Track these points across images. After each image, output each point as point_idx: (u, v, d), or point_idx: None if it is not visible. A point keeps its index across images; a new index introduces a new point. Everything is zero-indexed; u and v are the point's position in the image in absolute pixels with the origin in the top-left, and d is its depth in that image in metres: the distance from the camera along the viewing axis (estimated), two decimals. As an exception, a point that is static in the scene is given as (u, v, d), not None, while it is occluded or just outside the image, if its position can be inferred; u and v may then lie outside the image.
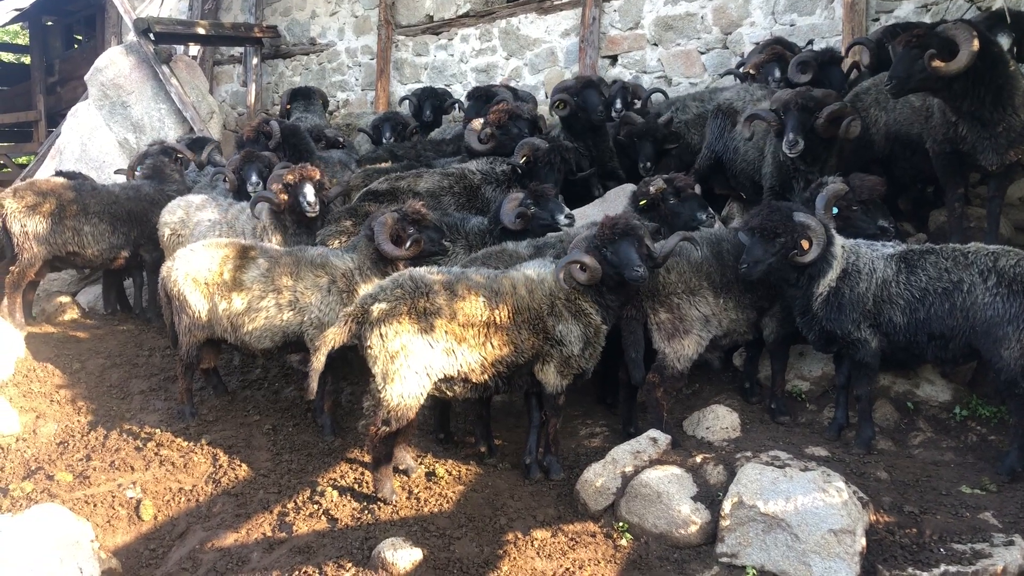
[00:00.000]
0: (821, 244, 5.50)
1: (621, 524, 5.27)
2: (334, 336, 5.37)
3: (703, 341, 6.06)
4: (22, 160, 20.68)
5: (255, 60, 15.17)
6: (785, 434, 6.03)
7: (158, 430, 6.69)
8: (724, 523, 4.95)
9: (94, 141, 13.04)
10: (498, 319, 5.42)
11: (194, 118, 13.27)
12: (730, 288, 6.02)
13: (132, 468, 6.21)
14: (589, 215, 7.73)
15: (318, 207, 7.36)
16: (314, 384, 5.43)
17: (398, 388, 5.31)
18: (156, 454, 6.36)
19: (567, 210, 7.04)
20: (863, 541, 4.68)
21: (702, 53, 10.71)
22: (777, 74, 8.61)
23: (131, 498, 5.89)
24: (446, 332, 5.33)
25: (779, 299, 6.04)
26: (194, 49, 15.83)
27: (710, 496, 5.20)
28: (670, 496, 5.18)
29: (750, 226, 5.70)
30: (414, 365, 5.30)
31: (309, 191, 7.30)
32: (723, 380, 6.95)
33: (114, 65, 13.30)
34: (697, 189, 6.97)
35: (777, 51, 8.87)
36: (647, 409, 6.14)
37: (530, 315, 5.49)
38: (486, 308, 5.41)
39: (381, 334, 5.28)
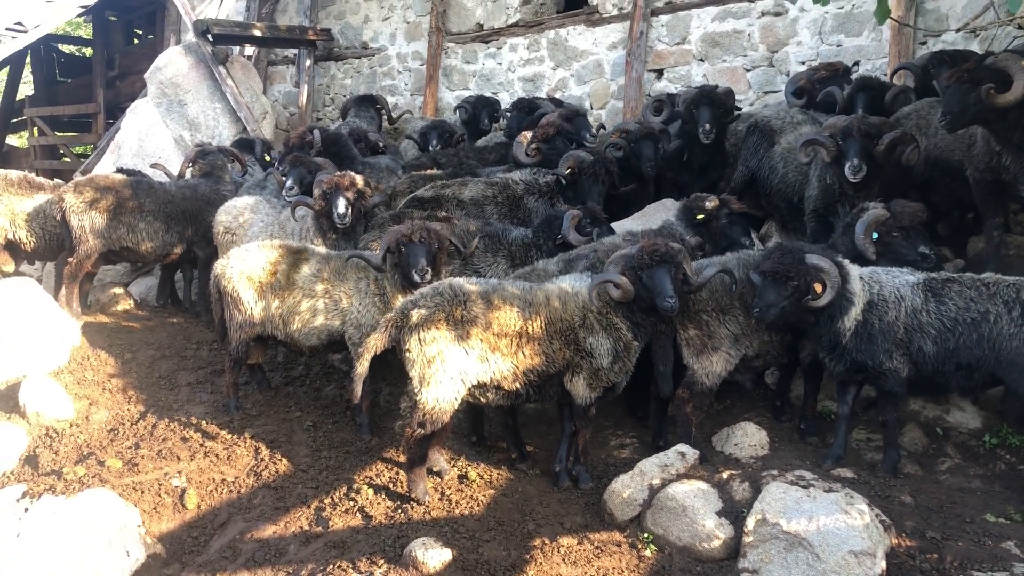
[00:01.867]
0: (835, 286, 5.49)
1: (646, 535, 5.40)
2: (376, 342, 5.57)
3: (732, 359, 6.14)
4: (80, 150, 21.30)
5: (308, 62, 15.48)
6: (812, 454, 6.11)
7: (204, 422, 6.98)
8: (747, 539, 5.04)
9: (151, 137, 13.48)
10: (531, 329, 5.58)
11: (247, 118, 13.64)
12: (764, 309, 6.09)
13: (178, 458, 6.48)
14: (628, 228, 7.84)
15: (348, 219, 7.54)
16: (359, 389, 5.65)
17: (434, 392, 5.49)
18: (201, 445, 6.63)
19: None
20: (883, 564, 4.75)
21: (748, 71, 10.77)
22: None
23: (176, 487, 6.16)
24: (481, 340, 5.50)
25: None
26: (249, 49, 16.21)
27: (734, 512, 5.30)
28: (695, 510, 5.29)
29: (761, 269, 5.71)
30: (450, 370, 5.48)
31: (340, 203, 7.49)
32: (754, 397, 7.04)
33: (173, 64, 13.73)
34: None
35: (836, 67, 8.87)
36: (676, 423, 6.26)
37: (562, 326, 5.63)
38: (520, 318, 5.57)
39: (420, 339, 5.46)
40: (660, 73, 11.60)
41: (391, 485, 6.02)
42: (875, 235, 6.08)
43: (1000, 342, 5.38)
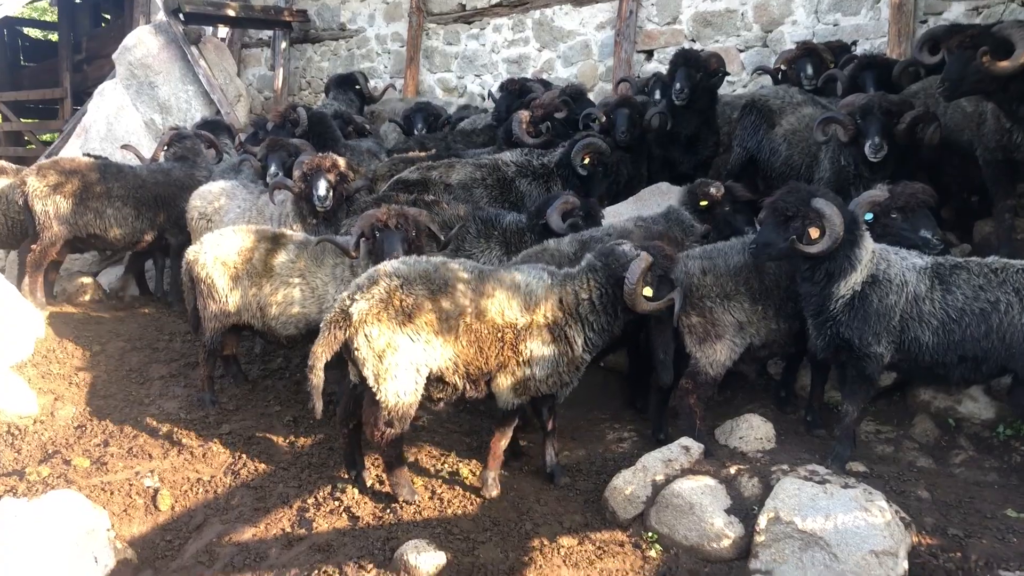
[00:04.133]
0: (834, 238, 5.08)
1: (650, 534, 5.11)
2: (323, 350, 5.17)
3: (736, 348, 5.86)
4: (46, 137, 20.69)
5: (283, 44, 15.07)
6: (820, 447, 5.85)
7: (177, 417, 6.60)
8: (759, 538, 4.76)
9: (120, 121, 13.01)
10: (469, 318, 5.20)
11: (221, 101, 13.22)
12: (770, 295, 5.80)
13: (150, 456, 6.10)
14: (622, 212, 7.56)
15: (329, 202, 7.19)
16: (319, 402, 5.25)
17: (392, 386, 5.13)
18: (175, 442, 6.26)
19: None
20: (905, 564, 4.49)
21: (741, 51, 10.51)
22: (809, 71, 8.45)
23: (148, 487, 5.78)
24: (426, 324, 5.13)
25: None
26: (223, 31, 15.77)
27: (744, 509, 5.02)
28: (703, 508, 5.00)
29: (765, 204, 5.43)
30: (402, 361, 5.12)
31: (321, 185, 7.13)
32: (756, 388, 6.79)
33: (142, 44, 13.24)
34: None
35: (809, 47, 8.72)
36: (679, 416, 5.97)
37: (502, 323, 5.24)
38: (460, 303, 5.20)
39: (366, 335, 5.10)
40: (650, 54, 11.32)
41: (378, 484, 5.67)
42: (869, 216, 5.77)
43: (1011, 333, 5.09)
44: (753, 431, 5.92)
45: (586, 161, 7.53)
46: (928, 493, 5.26)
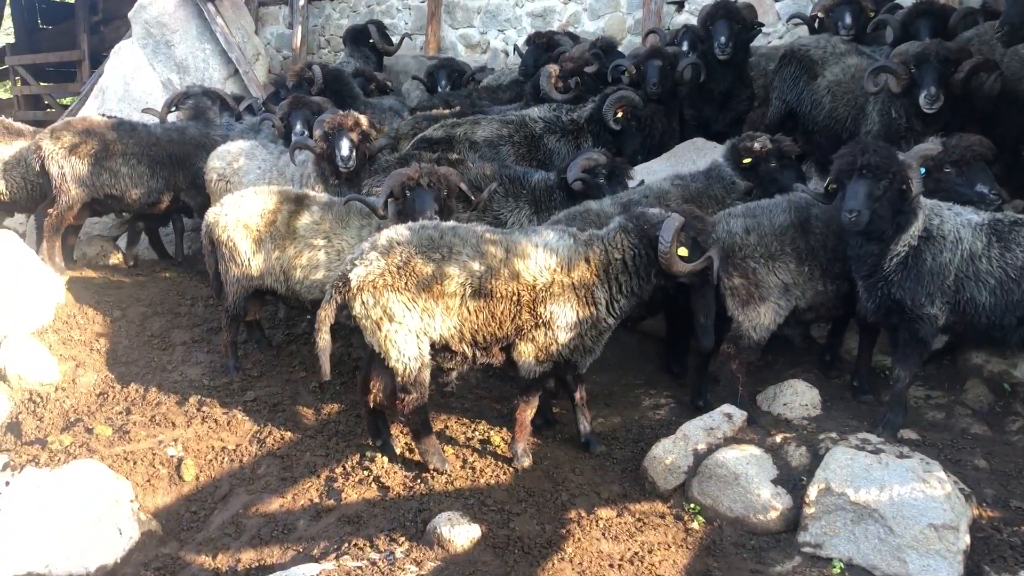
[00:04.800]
0: (920, 188, 4.88)
1: (692, 506, 4.91)
2: (327, 314, 5.10)
3: (781, 311, 5.58)
4: (66, 101, 20.50)
5: (301, 1, 14.66)
6: (868, 413, 5.59)
7: (201, 384, 6.45)
8: (808, 510, 4.56)
9: (137, 81, 12.71)
10: (478, 283, 4.97)
11: (239, 59, 12.90)
12: (816, 255, 5.50)
13: (173, 424, 5.94)
14: (656, 170, 7.26)
15: (352, 162, 6.93)
16: (326, 364, 5.17)
17: (395, 353, 4.99)
18: (198, 410, 6.10)
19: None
20: (967, 538, 4.28)
21: (776, 1, 10.06)
22: (848, 19, 8.01)
23: (172, 456, 5.64)
24: (424, 293, 4.94)
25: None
26: (239, -12, 15.36)
27: (792, 480, 4.80)
28: (749, 478, 4.78)
29: (859, 164, 4.92)
30: (400, 329, 4.96)
31: (344, 145, 6.87)
32: (798, 352, 6.51)
33: (158, 2, 12.89)
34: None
35: None
36: (719, 382, 5.73)
37: (518, 285, 5.01)
38: (468, 269, 4.97)
39: (363, 302, 4.97)
40: (680, 5, 10.87)
41: (408, 452, 5.50)
42: (922, 171, 5.39)
43: None
44: (798, 397, 5.67)
45: (619, 115, 7.21)
46: (986, 462, 5.01)
